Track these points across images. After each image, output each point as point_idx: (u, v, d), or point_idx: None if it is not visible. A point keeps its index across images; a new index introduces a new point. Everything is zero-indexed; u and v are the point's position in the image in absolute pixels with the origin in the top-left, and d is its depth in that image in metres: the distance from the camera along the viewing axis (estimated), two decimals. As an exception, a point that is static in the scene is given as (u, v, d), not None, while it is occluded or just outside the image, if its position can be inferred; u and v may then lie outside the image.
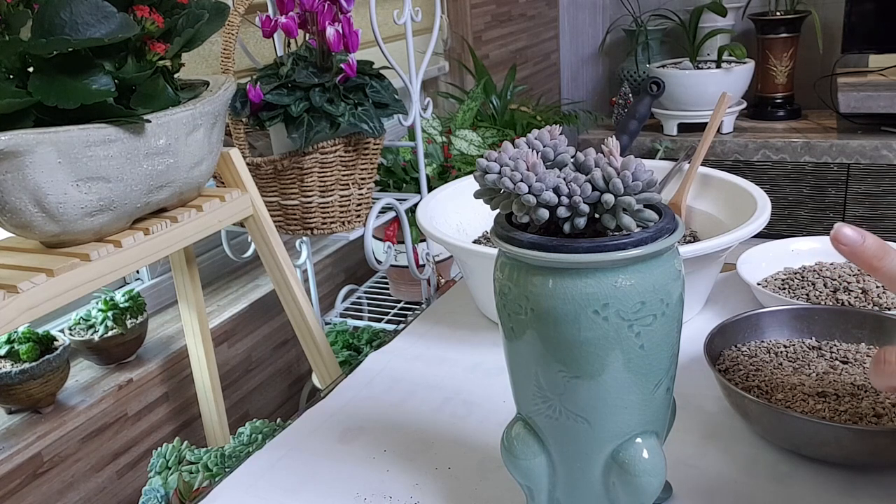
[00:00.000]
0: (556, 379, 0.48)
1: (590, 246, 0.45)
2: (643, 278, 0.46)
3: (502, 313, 0.50)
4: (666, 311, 0.47)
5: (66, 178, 0.74)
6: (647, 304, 0.46)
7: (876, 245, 0.44)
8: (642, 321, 0.46)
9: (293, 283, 1.08)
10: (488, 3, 2.45)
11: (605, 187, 0.46)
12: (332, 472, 0.66)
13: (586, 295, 0.45)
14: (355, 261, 1.89)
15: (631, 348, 0.46)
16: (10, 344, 1.09)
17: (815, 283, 0.83)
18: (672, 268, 0.48)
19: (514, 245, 0.47)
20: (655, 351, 0.47)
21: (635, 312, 0.46)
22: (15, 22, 0.72)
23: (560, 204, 0.46)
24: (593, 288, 0.45)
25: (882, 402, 0.60)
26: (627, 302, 0.45)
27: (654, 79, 0.98)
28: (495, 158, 0.49)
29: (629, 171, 0.45)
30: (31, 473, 1.09)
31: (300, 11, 1.18)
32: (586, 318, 0.45)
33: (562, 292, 0.45)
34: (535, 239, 0.47)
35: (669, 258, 0.48)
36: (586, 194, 0.46)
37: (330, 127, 1.17)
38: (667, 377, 0.49)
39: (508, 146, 0.49)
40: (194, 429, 1.38)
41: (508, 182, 0.46)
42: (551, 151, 0.50)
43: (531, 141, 0.51)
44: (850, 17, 2.37)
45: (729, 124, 2.47)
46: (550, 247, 0.46)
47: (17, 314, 0.74)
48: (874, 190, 2.27)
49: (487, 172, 0.48)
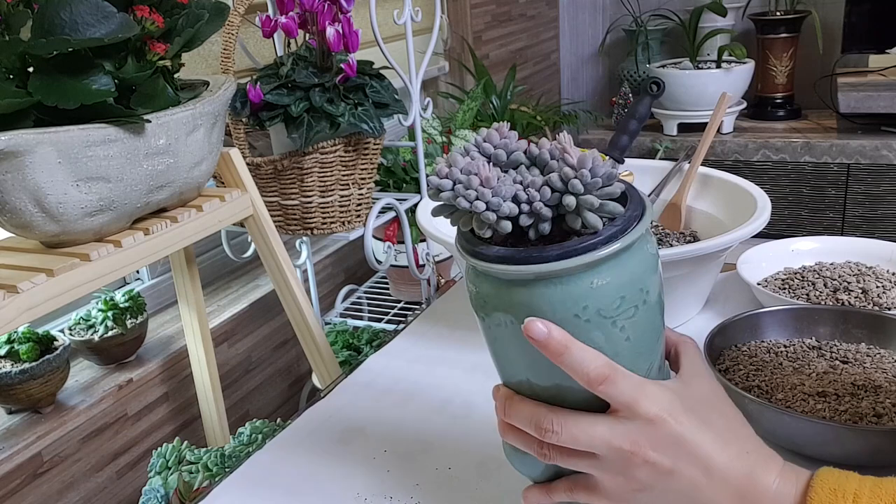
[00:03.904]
0: (551, 387, 0.47)
1: (560, 253, 0.43)
2: (619, 273, 0.45)
3: (483, 324, 0.49)
4: (647, 298, 0.46)
5: (66, 178, 0.74)
6: (628, 298, 0.45)
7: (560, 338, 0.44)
8: (624, 315, 0.45)
9: (293, 283, 1.08)
10: (488, 3, 2.45)
11: (563, 188, 0.44)
12: (332, 472, 0.66)
13: (564, 300, 0.44)
14: (355, 261, 1.89)
15: (617, 342, 0.46)
16: (10, 344, 1.09)
17: (815, 283, 0.83)
18: (646, 254, 0.47)
19: (481, 260, 0.46)
20: (642, 338, 0.47)
21: (616, 308, 0.45)
22: (15, 22, 0.72)
23: (521, 212, 0.45)
24: (570, 293, 0.44)
25: (882, 402, 0.60)
26: (606, 300, 0.44)
27: (654, 79, 0.98)
28: (446, 175, 0.46)
29: (586, 170, 0.44)
30: (31, 473, 1.09)
31: (300, 11, 1.18)
32: (568, 322, 0.44)
33: (539, 301, 0.44)
34: (502, 252, 0.45)
35: (642, 245, 0.46)
36: (546, 198, 0.44)
37: (330, 127, 1.17)
38: (657, 357, 0.49)
39: (458, 158, 0.47)
40: (194, 429, 1.38)
41: (464, 202, 0.44)
42: (503, 153, 0.48)
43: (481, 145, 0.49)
44: (850, 17, 2.37)
45: (729, 124, 2.47)
46: (520, 258, 0.44)
47: (17, 314, 0.74)
48: (874, 190, 2.27)
49: (441, 190, 0.46)
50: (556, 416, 0.46)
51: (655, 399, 0.45)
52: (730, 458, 0.44)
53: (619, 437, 0.44)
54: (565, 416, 0.46)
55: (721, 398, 0.48)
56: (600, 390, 0.44)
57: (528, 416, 0.47)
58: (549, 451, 0.47)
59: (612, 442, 0.45)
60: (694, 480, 0.44)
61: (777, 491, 0.44)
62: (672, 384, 0.47)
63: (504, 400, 0.49)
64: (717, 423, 0.46)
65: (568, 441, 0.46)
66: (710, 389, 0.48)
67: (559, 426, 0.46)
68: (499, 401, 0.50)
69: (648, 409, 0.44)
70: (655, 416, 0.44)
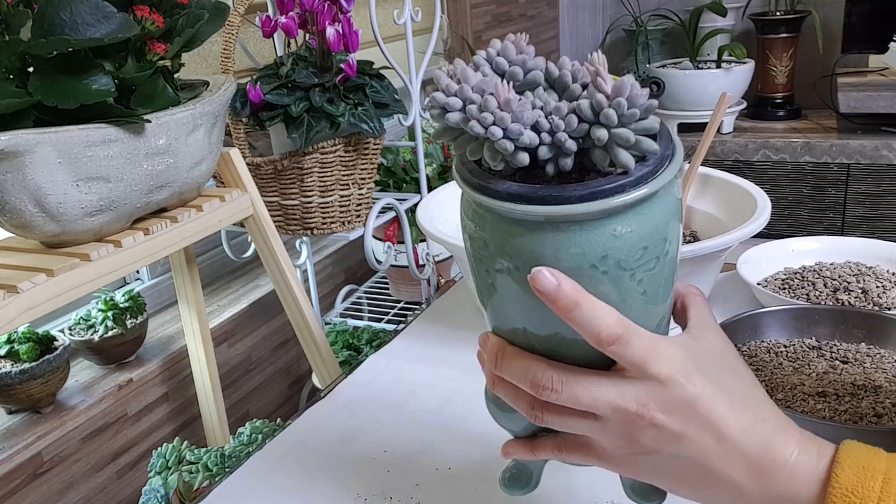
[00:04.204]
0: (549, 337, 0.43)
1: (584, 194, 0.38)
2: (645, 220, 0.39)
3: (478, 268, 0.43)
4: (669, 249, 0.41)
5: (66, 178, 0.74)
6: (650, 248, 0.40)
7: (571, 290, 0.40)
8: (645, 267, 0.40)
9: (293, 283, 1.08)
10: (488, 3, 2.45)
11: (594, 119, 0.38)
12: (332, 472, 0.66)
13: (581, 249, 0.39)
14: (355, 261, 1.89)
15: (633, 297, 0.41)
16: (10, 344, 1.09)
17: (815, 283, 0.83)
18: (674, 200, 0.41)
19: (489, 196, 0.39)
20: (658, 292, 0.42)
21: (637, 259, 0.40)
22: (15, 22, 0.72)
23: (542, 143, 0.38)
24: (589, 241, 0.39)
25: (882, 402, 0.60)
26: (629, 250, 0.39)
27: (654, 79, 0.98)
28: (455, 92, 0.39)
29: (623, 98, 0.37)
30: (31, 473, 1.09)
31: (300, 11, 1.18)
32: (582, 274, 0.39)
33: (552, 248, 0.39)
34: (516, 189, 0.39)
35: (669, 188, 0.41)
36: (571, 128, 0.38)
37: (330, 127, 1.17)
38: (668, 312, 0.45)
39: (468, 72, 0.39)
40: (194, 429, 1.38)
41: (478, 126, 0.38)
42: (520, 70, 0.41)
43: (494, 59, 0.41)
44: (850, 17, 2.37)
45: (729, 124, 2.47)
46: (536, 198, 0.38)
47: (17, 314, 0.74)
48: (874, 190, 2.27)
49: (448, 110, 0.39)
50: (556, 373, 0.42)
51: (668, 359, 0.41)
52: (744, 426, 0.41)
53: (627, 397, 0.41)
54: (566, 373, 0.42)
55: (734, 356, 0.44)
56: (611, 350, 0.40)
57: (524, 371, 0.43)
58: (542, 411, 0.43)
59: (617, 402, 0.41)
60: (704, 447, 0.41)
61: (795, 463, 0.41)
62: (683, 340, 0.43)
63: (496, 350, 0.44)
64: (732, 384, 0.42)
65: (568, 400, 0.42)
66: (723, 345, 0.44)
67: (559, 383, 0.41)
68: (489, 350, 0.45)
69: (661, 370, 0.40)
70: (667, 377, 0.40)
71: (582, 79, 0.40)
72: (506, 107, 0.37)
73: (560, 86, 0.41)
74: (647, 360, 0.40)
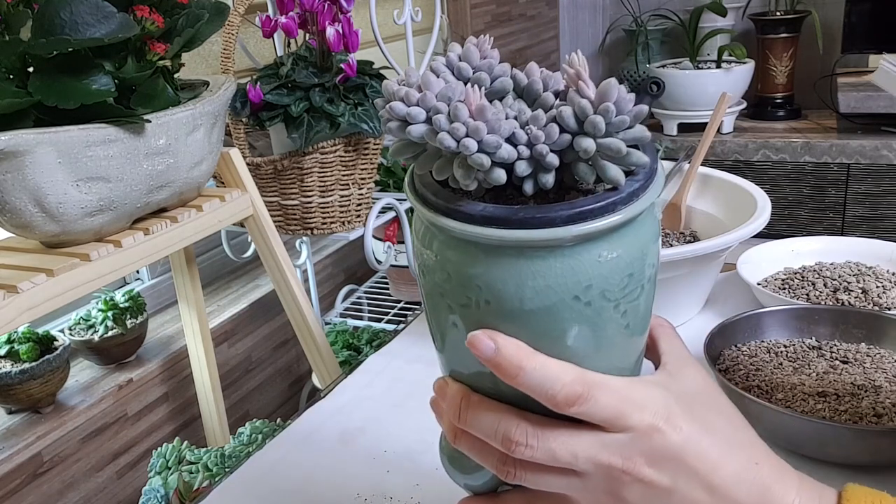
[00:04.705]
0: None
1: (571, 214, 0.33)
2: (630, 244, 0.35)
3: (437, 303, 0.38)
4: (651, 275, 0.37)
5: (66, 178, 0.74)
6: (635, 275, 0.36)
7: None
8: (629, 297, 0.36)
9: (293, 283, 1.08)
10: (488, 3, 2.45)
11: (577, 128, 0.33)
12: (332, 472, 0.66)
13: (563, 279, 0.34)
14: (355, 261, 1.89)
15: (615, 331, 0.37)
16: (10, 344, 1.09)
17: (815, 283, 0.83)
18: (655, 220, 0.38)
19: (459, 221, 0.34)
20: (639, 324, 0.38)
21: (622, 289, 0.35)
22: (15, 22, 0.72)
23: (520, 157, 0.33)
24: (573, 269, 0.34)
25: (882, 402, 0.60)
26: (614, 278, 0.35)
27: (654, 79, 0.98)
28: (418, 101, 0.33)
29: (610, 103, 0.33)
30: (31, 473, 1.09)
31: (300, 11, 1.18)
32: (564, 306, 0.35)
33: (530, 278, 0.34)
34: (492, 212, 0.33)
35: (652, 208, 0.37)
36: (553, 139, 0.33)
37: (330, 127, 1.17)
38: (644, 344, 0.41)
39: (431, 78, 0.34)
40: (194, 429, 1.38)
41: (449, 139, 0.32)
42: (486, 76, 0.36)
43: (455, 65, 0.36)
44: (850, 17, 2.37)
45: (729, 124, 2.47)
46: (517, 221, 0.33)
47: (17, 314, 0.74)
48: (874, 190, 2.27)
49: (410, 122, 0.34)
50: (530, 426, 0.37)
51: (646, 404, 0.36)
52: (737, 471, 0.37)
53: (609, 451, 0.36)
54: (541, 426, 0.37)
55: (716, 391, 0.40)
56: (573, 412, 0.35)
57: (493, 424, 0.37)
58: (515, 468, 0.38)
59: (599, 458, 0.36)
60: (695, 501, 0.37)
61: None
62: (660, 379, 0.39)
63: (458, 399, 0.39)
64: (719, 424, 0.38)
65: (544, 457, 0.37)
66: (703, 381, 0.40)
67: (534, 438, 0.36)
68: (450, 400, 0.40)
69: (642, 418, 0.36)
70: (650, 425, 0.36)
71: (554, 86, 0.36)
72: (479, 115, 0.32)
73: (530, 95, 0.36)
74: (621, 413, 0.36)
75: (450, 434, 0.41)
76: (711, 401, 0.40)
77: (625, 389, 0.37)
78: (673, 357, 0.41)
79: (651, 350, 0.42)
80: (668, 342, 0.42)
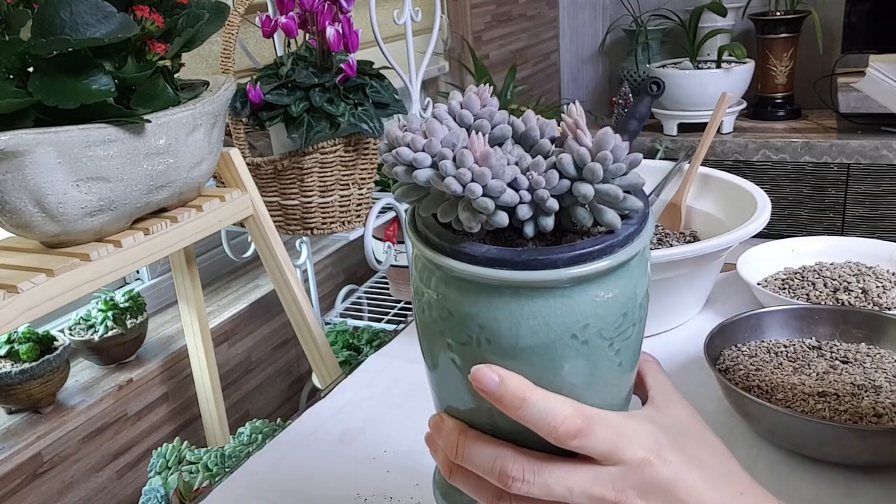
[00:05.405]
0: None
1: (572, 256, 0.35)
2: (624, 284, 0.37)
3: (436, 340, 0.39)
4: (642, 314, 0.39)
5: (66, 178, 0.74)
6: (629, 314, 0.38)
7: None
8: (623, 335, 0.38)
9: (293, 283, 1.08)
10: (488, 3, 2.45)
11: (576, 175, 0.35)
12: (332, 472, 0.66)
13: (562, 319, 0.36)
14: (355, 261, 1.89)
15: (609, 368, 0.38)
16: (10, 344, 1.09)
17: (815, 283, 0.83)
18: (646, 260, 0.39)
19: (464, 262, 0.36)
20: (630, 361, 0.40)
21: (617, 328, 0.37)
22: (15, 22, 0.72)
23: (522, 201, 0.35)
24: (571, 309, 0.36)
25: (882, 402, 0.60)
26: (610, 318, 0.37)
27: (654, 79, 0.98)
28: (423, 146, 0.36)
29: (608, 151, 0.35)
30: (31, 473, 1.09)
31: (300, 11, 1.18)
32: (562, 345, 0.36)
33: (530, 318, 0.36)
34: (496, 253, 0.35)
35: (643, 250, 0.39)
36: (553, 185, 0.35)
37: (330, 127, 1.17)
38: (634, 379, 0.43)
39: (435, 125, 0.36)
40: (194, 429, 1.38)
41: (455, 184, 0.34)
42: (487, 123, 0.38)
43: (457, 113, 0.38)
44: (850, 17, 2.37)
45: (729, 124, 2.47)
46: (520, 263, 0.35)
47: (17, 314, 0.74)
48: (874, 190, 2.27)
49: (416, 167, 0.36)
50: (527, 462, 0.38)
51: (639, 439, 0.38)
52: (723, 502, 0.38)
53: (602, 484, 0.38)
54: (538, 462, 0.38)
55: (701, 425, 0.42)
56: (573, 445, 0.37)
57: (490, 460, 0.38)
58: (510, 502, 0.39)
59: (593, 491, 0.38)
60: None
61: None
62: (650, 414, 0.41)
63: (455, 435, 0.40)
64: (704, 457, 0.40)
65: (540, 492, 0.38)
66: (689, 415, 0.42)
67: (531, 474, 0.38)
68: (447, 436, 0.40)
69: (635, 453, 0.37)
70: (642, 459, 0.37)
71: (549, 133, 0.38)
72: (483, 162, 0.34)
73: (528, 141, 0.38)
74: (616, 447, 0.37)
75: (445, 469, 0.41)
76: (698, 434, 0.41)
77: (620, 425, 0.38)
78: (660, 392, 0.42)
79: (639, 386, 0.44)
80: (654, 378, 0.43)
